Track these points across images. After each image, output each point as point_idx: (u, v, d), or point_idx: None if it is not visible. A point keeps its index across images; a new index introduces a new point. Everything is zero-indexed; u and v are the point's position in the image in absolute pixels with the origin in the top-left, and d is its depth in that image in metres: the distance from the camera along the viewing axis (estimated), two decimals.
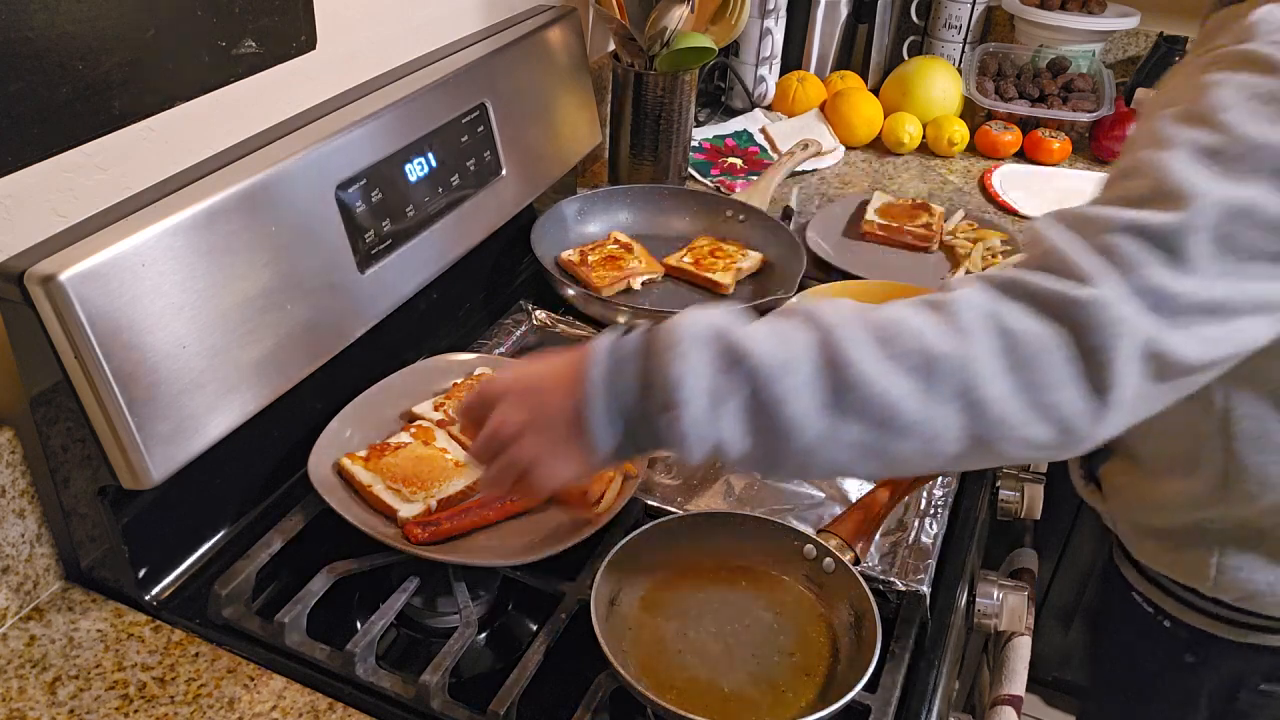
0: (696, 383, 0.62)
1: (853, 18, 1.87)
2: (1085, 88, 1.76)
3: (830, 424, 0.61)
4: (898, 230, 1.41)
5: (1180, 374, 0.63)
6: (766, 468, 0.65)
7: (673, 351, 0.63)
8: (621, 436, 0.65)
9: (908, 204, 1.48)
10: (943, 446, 0.62)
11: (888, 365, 0.61)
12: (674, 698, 0.74)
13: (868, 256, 1.39)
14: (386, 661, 0.83)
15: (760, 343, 0.62)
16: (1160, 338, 0.61)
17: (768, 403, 0.61)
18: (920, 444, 0.62)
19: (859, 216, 1.46)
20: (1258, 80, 0.64)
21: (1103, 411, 0.61)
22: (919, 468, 0.66)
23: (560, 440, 0.67)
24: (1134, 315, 0.60)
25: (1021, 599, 0.97)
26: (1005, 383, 0.61)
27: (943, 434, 0.62)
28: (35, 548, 0.81)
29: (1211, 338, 0.63)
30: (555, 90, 1.28)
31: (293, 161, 0.87)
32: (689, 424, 0.62)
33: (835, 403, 0.61)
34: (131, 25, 0.78)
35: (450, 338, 1.19)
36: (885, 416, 0.61)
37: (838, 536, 0.86)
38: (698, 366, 0.62)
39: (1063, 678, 1.86)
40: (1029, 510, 1.10)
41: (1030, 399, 0.61)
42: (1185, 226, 0.61)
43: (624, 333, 0.66)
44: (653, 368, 0.63)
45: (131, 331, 0.73)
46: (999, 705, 0.97)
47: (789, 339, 0.62)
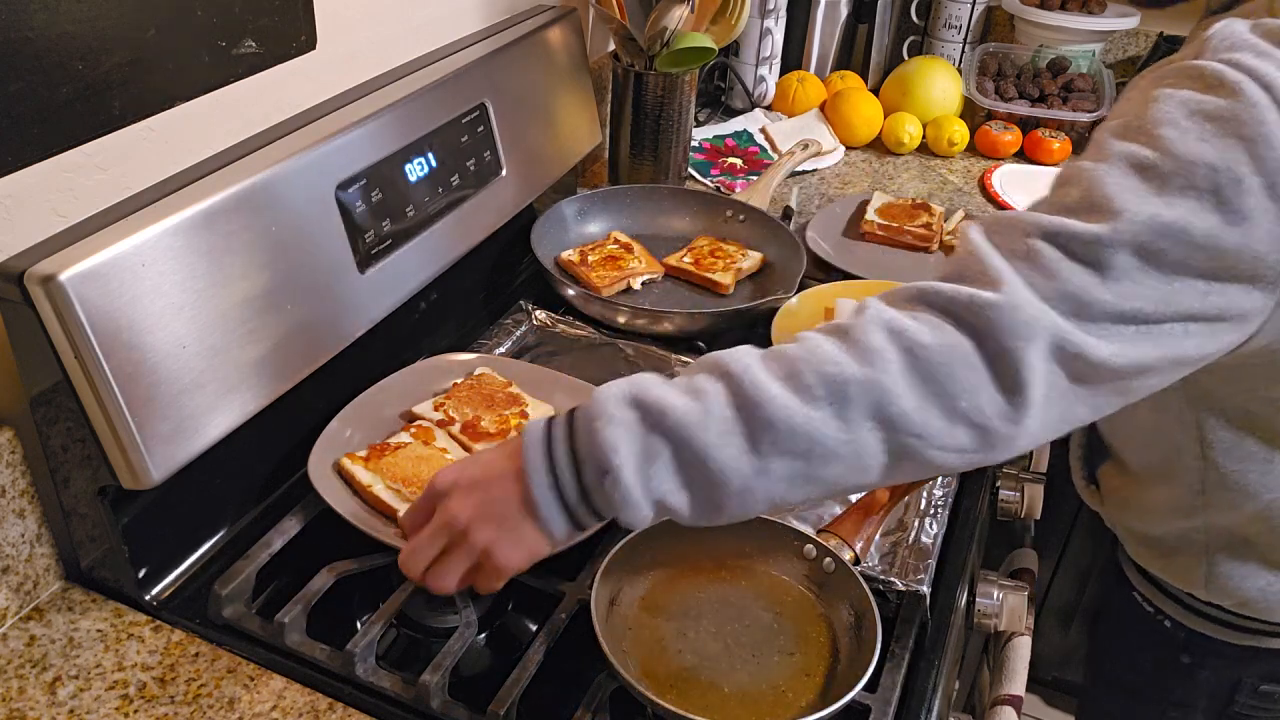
0: (628, 445, 0.64)
1: (853, 18, 1.87)
2: (1085, 88, 1.76)
3: (757, 464, 0.63)
4: (898, 230, 1.41)
5: (1107, 378, 0.63)
6: (712, 515, 0.66)
7: (600, 420, 0.64)
8: (570, 511, 0.67)
9: (908, 204, 1.47)
10: (870, 463, 0.64)
11: (799, 399, 0.62)
12: (674, 698, 0.74)
13: (868, 256, 1.38)
14: (386, 661, 0.82)
15: (675, 399, 0.64)
16: (1073, 339, 0.61)
17: (694, 457, 0.63)
18: (847, 466, 0.64)
19: (859, 216, 1.46)
20: (1200, 97, 0.64)
21: (1018, 414, 0.62)
22: (855, 486, 0.67)
23: (513, 524, 0.69)
24: (1043, 316, 0.61)
25: (1021, 599, 0.97)
26: (916, 396, 0.62)
27: (866, 453, 0.63)
28: (35, 548, 0.81)
29: (1135, 343, 0.63)
30: (555, 90, 1.28)
31: (293, 161, 0.87)
32: (627, 486, 0.64)
33: (756, 444, 0.63)
34: (131, 25, 0.78)
35: (450, 338, 1.19)
36: (806, 447, 0.63)
37: (838, 536, 0.86)
38: (624, 430, 0.64)
39: (1063, 678, 1.86)
40: (1029, 510, 1.10)
41: (943, 407, 0.62)
42: (1107, 239, 0.62)
43: (549, 419, 0.68)
44: (584, 439, 0.65)
45: (131, 331, 0.73)
46: (999, 705, 0.97)
47: (701, 391, 0.64)
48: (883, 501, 0.90)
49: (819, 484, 0.65)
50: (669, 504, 0.65)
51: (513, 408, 0.99)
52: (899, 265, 1.38)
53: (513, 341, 1.18)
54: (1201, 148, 0.62)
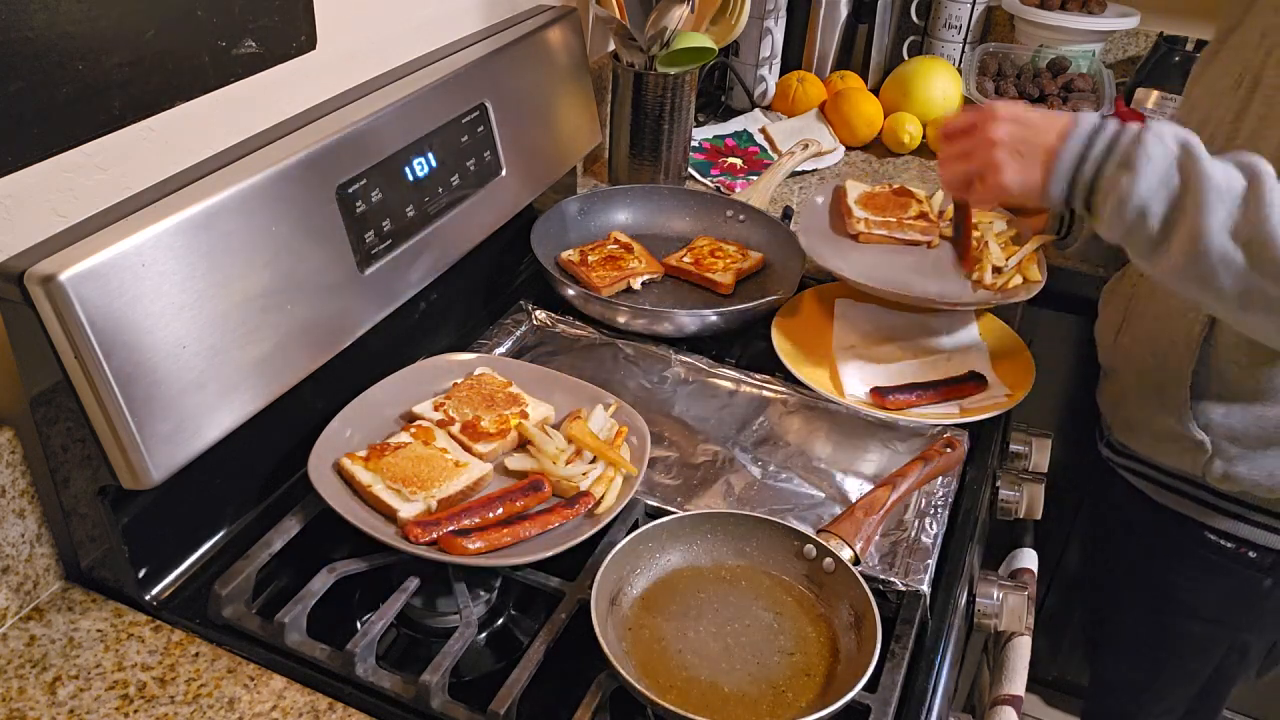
0: (1159, 162, 0.82)
1: (853, 18, 1.87)
2: (1085, 88, 1.76)
3: (1227, 246, 0.80)
4: (895, 226, 1.31)
5: None
6: (1156, 256, 0.85)
7: (1152, 133, 0.83)
8: (1074, 183, 0.87)
9: (887, 191, 1.38)
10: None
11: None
12: (674, 698, 0.74)
13: (870, 260, 1.26)
14: (386, 661, 0.83)
15: (1211, 162, 0.82)
16: None
17: (1193, 207, 0.81)
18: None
19: (840, 209, 1.35)
20: None
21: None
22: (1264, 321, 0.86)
23: (1028, 162, 0.88)
24: None
25: (1021, 599, 0.97)
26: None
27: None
28: (35, 548, 0.81)
29: None
30: (555, 90, 1.28)
31: (293, 161, 0.87)
32: (1132, 189, 0.82)
33: (1237, 234, 0.80)
34: (131, 25, 0.78)
35: (450, 338, 1.19)
36: (1271, 258, 0.80)
37: (838, 536, 0.86)
38: (1163, 150, 0.82)
39: (1063, 678, 1.86)
40: (1029, 510, 1.10)
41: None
42: None
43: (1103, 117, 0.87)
44: (1129, 137, 0.84)
45: (131, 331, 0.73)
46: (999, 705, 0.97)
47: (1232, 174, 0.82)
48: (883, 501, 0.90)
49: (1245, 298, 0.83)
50: (1144, 222, 0.83)
51: (513, 408, 0.99)
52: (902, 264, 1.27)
53: (513, 341, 1.18)
54: None
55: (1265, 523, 1.09)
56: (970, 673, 1.16)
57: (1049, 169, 0.88)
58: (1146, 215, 0.83)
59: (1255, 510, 1.09)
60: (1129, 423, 1.18)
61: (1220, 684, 1.26)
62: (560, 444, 0.95)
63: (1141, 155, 0.83)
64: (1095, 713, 1.47)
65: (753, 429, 1.07)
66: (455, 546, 0.82)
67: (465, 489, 0.90)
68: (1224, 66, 1.05)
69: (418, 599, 0.85)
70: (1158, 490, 1.17)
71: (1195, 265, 0.83)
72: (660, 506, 0.94)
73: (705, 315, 1.16)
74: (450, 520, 0.84)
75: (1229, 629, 1.20)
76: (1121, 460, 1.21)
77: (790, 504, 0.97)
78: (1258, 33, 1.00)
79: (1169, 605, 1.22)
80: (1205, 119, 1.04)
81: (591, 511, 0.89)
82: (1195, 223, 0.81)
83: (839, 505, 0.97)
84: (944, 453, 0.98)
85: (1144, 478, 1.18)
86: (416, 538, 0.83)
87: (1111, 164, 0.85)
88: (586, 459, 0.94)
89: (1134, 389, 1.16)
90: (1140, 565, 1.24)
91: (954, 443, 0.99)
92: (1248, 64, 1.00)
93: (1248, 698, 1.78)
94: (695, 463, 1.02)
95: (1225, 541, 1.12)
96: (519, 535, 0.85)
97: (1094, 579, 1.42)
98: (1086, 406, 1.30)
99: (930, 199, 1.37)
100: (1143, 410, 1.15)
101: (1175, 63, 1.73)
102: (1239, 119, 0.99)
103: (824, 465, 1.02)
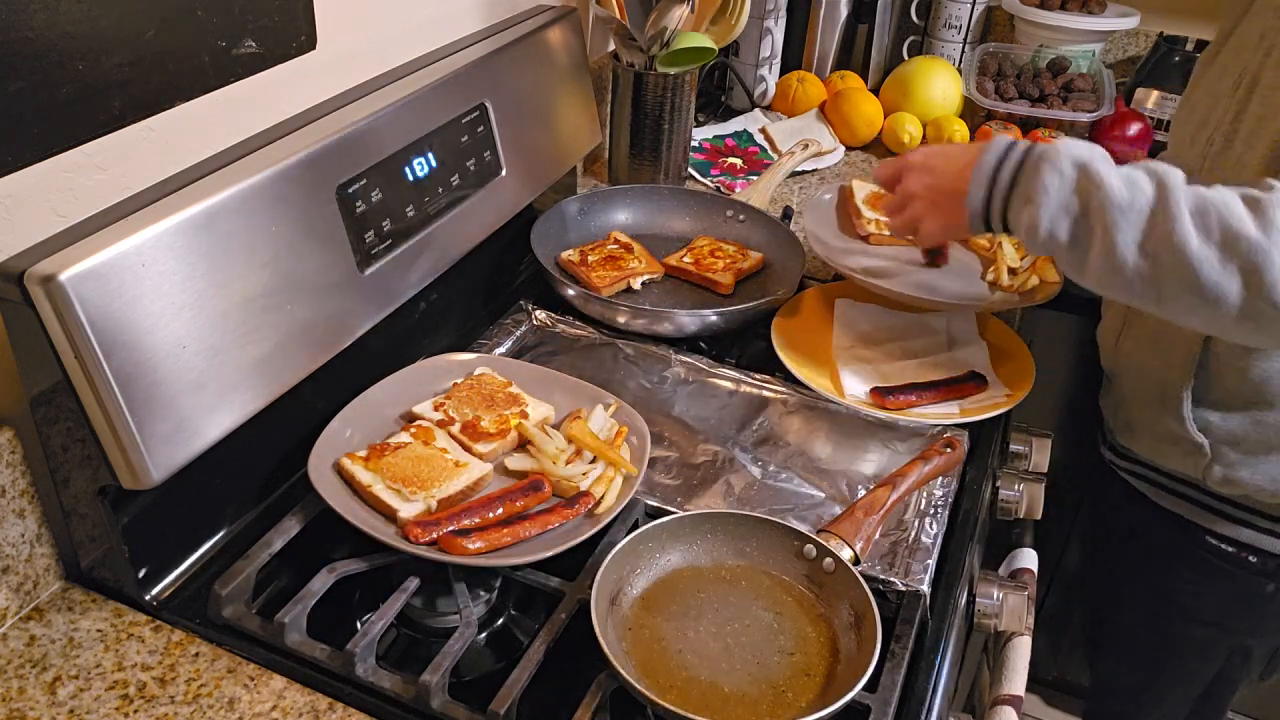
0: (1056, 193, 0.84)
1: (853, 18, 1.87)
2: (1085, 88, 1.76)
3: (1138, 259, 0.82)
4: None
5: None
6: (1075, 272, 0.87)
7: (1047, 165, 0.85)
8: (987, 214, 0.91)
9: None
10: (1221, 311, 0.80)
11: (1199, 234, 0.79)
12: (674, 698, 0.74)
13: (881, 261, 1.25)
14: (386, 661, 0.83)
15: (1114, 180, 0.82)
16: None
17: (1097, 227, 0.82)
18: (1199, 302, 0.81)
19: (848, 208, 1.35)
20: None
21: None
22: (1192, 322, 0.85)
23: (945, 209, 0.94)
24: None
25: (1021, 599, 0.97)
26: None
27: (1224, 300, 0.80)
28: (35, 548, 0.81)
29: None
30: (555, 90, 1.28)
31: (293, 161, 0.87)
32: (1035, 220, 0.85)
33: (1144, 245, 0.81)
34: (131, 25, 0.78)
35: (450, 338, 1.19)
36: (1180, 269, 0.80)
37: (838, 536, 0.86)
38: (1059, 180, 0.84)
39: (1063, 678, 1.86)
40: (1029, 510, 1.10)
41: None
42: None
43: (1012, 142, 0.91)
44: (1029, 170, 0.87)
45: (131, 331, 0.73)
46: (999, 705, 0.97)
47: (1136, 185, 0.82)
48: (883, 501, 0.90)
49: (1168, 303, 0.83)
50: (1055, 246, 0.86)
51: (512, 408, 0.99)
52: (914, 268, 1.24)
53: (513, 341, 1.17)
54: None
55: (1266, 527, 1.09)
56: (970, 673, 1.16)
57: (962, 210, 0.93)
58: (1055, 240, 0.86)
59: (1256, 515, 1.09)
60: (1130, 425, 1.18)
61: (1222, 688, 1.26)
62: (560, 444, 0.95)
63: (1038, 188, 0.85)
64: (1096, 714, 1.48)
65: (753, 429, 1.07)
66: (455, 546, 0.82)
67: (465, 489, 0.90)
68: (1223, 68, 1.05)
69: (418, 599, 0.85)
70: (1159, 493, 1.17)
71: (1114, 279, 0.84)
72: (660, 506, 0.94)
73: (705, 315, 1.16)
74: (450, 520, 0.84)
75: (1230, 633, 1.20)
76: (1123, 463, 1.21)
77: (790, 504, 0.97)
78: (1256, 34, 1.00)
79: (1170, 608, 1.22)
80: (1204, 120, 1.04)
81: (591, 511, 0.89)
82: (1104, 242, 0.83)
83: (839, 505, 0.97)
84: (944, 453, 0.98)
85: (1145, 480, 1.18)
86: (416, 538, 0.83)
87: (1016, 198, 0.88)
88: (586, 459, 0.94)
89: (1135, 392, 1.16)
90: (1141, 568, 1.24)
91: (954, 443, 0.99)
92: (1246, 65, 1.00)
93: (1251, 699, 1.78)
94: (695, 463, 1.02)
95: (1226, 546, 1.12)
96: (519, 535, 0.85)
97: (1094, 580, 1.42)
98: (1087, 407, 1.30)
99: None
100: (1143, 413, 1.15)
101: (1175, 63, 1.73)
102: (1237, 119, 0.99)
103: (824, 465, 1.02)
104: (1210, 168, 1.02)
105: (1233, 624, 1.19)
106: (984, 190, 0.90)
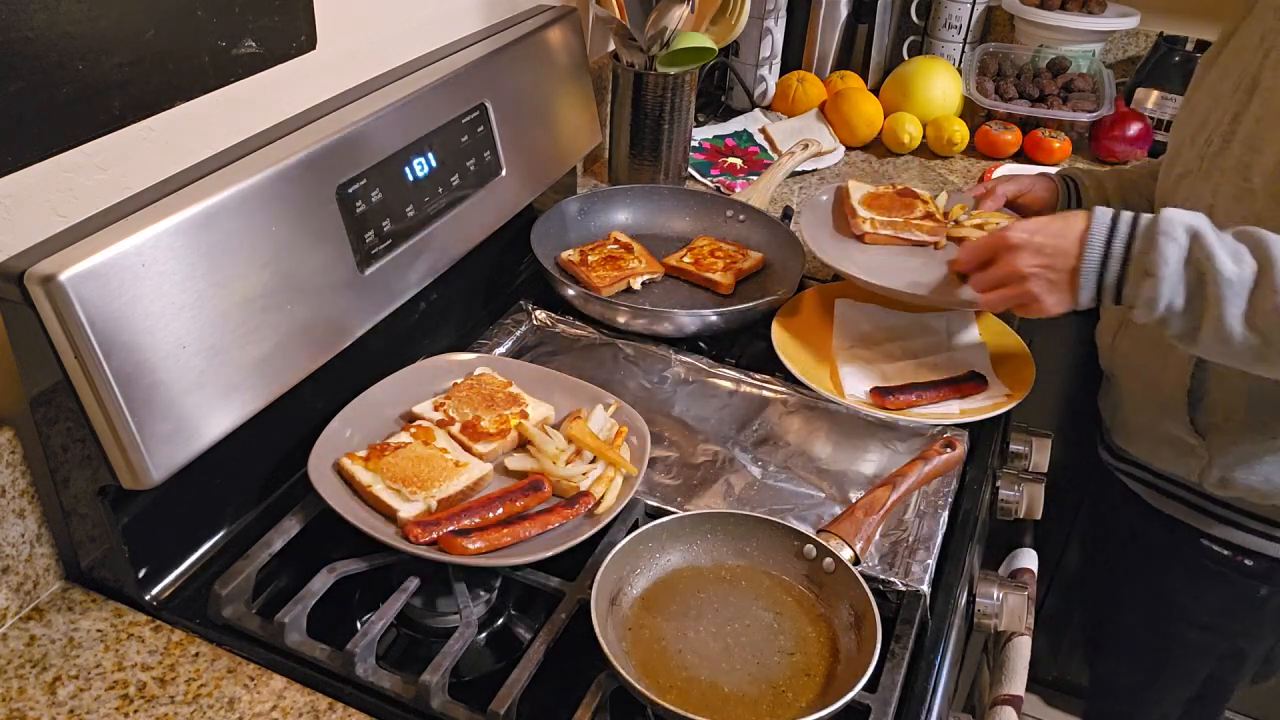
0: (1175, 263, 0.86)
1: (853, 18, 1.87)
2: (1085, 88, 1.76)
3: (1244, 332, 0.86)
4: (902, 226, 1.28)
5: None
6: (1187, 343, 0.89)
7: (1164, 234, 0.87)
8: (1100, 289, 0.91)
9: (891, 191, 1.33)
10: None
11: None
12: (674, 698, 0.74)
13: (875, 261, 1.23)
14: (386, 661, 0.83)
15: (1222, 252, 0.85)
16: None
17: (1214, 299, 0.85)
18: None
19: (843, 209, 1.33)
20: None
21: None
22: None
23: (1059, 286, 0.93)
24: None
25: (1021, 599, 0.97)
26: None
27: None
28: (35, 548, 0.81)
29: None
30: (555, 90, 1.28)
31: (293, 161, 0.87)
32: (1157, 293, 0.87)
33: (1252, 318, 0.85)
34: (131, 25, 0.78)
35: (450, 338, 1.19)
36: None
37: (838, 536, 0.86)
38: (1177, 249, 0.86)
39: (1063, 678, 1.86)
40: (1029, 510, 1.10)
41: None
42: None
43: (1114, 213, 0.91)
44: (1143, 241, 0.88)
45: (131, 331, 0.73)
46: (999, 705, 0.97)
47: (1242, 258, 0.85)
48: (883, 501, 0.90)
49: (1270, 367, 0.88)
50: (1172, 318, 0.88)
51: (512, 408, 0.99)
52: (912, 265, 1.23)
53: (513, 341, 1.18)
54: None
55: (1261, 530, 1.09)
56: (970, 673, 1.16)
57: (1076, 287, 0.93)
58: (1173, 311, 0.88)
59: (1251, 517, 1.09)
60: (1127, 426, 1.18)
61: (1217, 690, 1.26)
62: (560, 444, 0.95)
63: (1157, 260, 0.86)
64: (1096, 713, 1.48)
65: (753, 429, 1.07)
66: (455, 546, 0.82)
67: (465, 489, 0.90)
68: (1224, 69, 1.05)
69: (418, 599, 0.85)
70: (1155, 495, 1.17)
71: (1224, 349, 0.88)
72: (660, 506, 0.94)
73: (705, 315, 1.16)
74: (450, 520, 0.84)
75: (1225, 635, 1.20)
76: (1120, 464, 1.21)
77: (790, 504, 0.97)
78: (1257, 36, 1.00)
79: (1167, 610, 1.22)
80: (1204, 121, 1.05)
81: (591, 511, 0.89)
82: (1216, 315, 0.86)
83: (839, 505, 0.97)
84: (944, 453, 0.98)
85: (1142, 482, 1.18)
86: (416, 538, 0.83)
87: (1132, 271, 0.89)
88: (586, 459, 0.94)
89: (1132, 393, 1.16)
90: (1140, 570, 1.24)
91: (954, 443, 0.99)
92: (1246, 66, 1.00)
93: (1249, 699, 1.78)
94: (695, 463, 1.02)
95: (1221, 548, 1.12)
96: (519, 535, 0.85)
97: (1094, 581, 1.42)
98: (1087, 408, 1.30)
99: (934, 199, 1.34)
100: (1141, 414, 1.15)
101: (1175, 63, 1.73)
102: (1236, 121, 0.99)
103: (824, 465, 1.02)
104: (1208, 168, 1.02)
105: (1227, 627, 1.19)
106: (1098, 265, 0.90)
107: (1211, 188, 1.00)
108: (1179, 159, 1.08)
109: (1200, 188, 1.02)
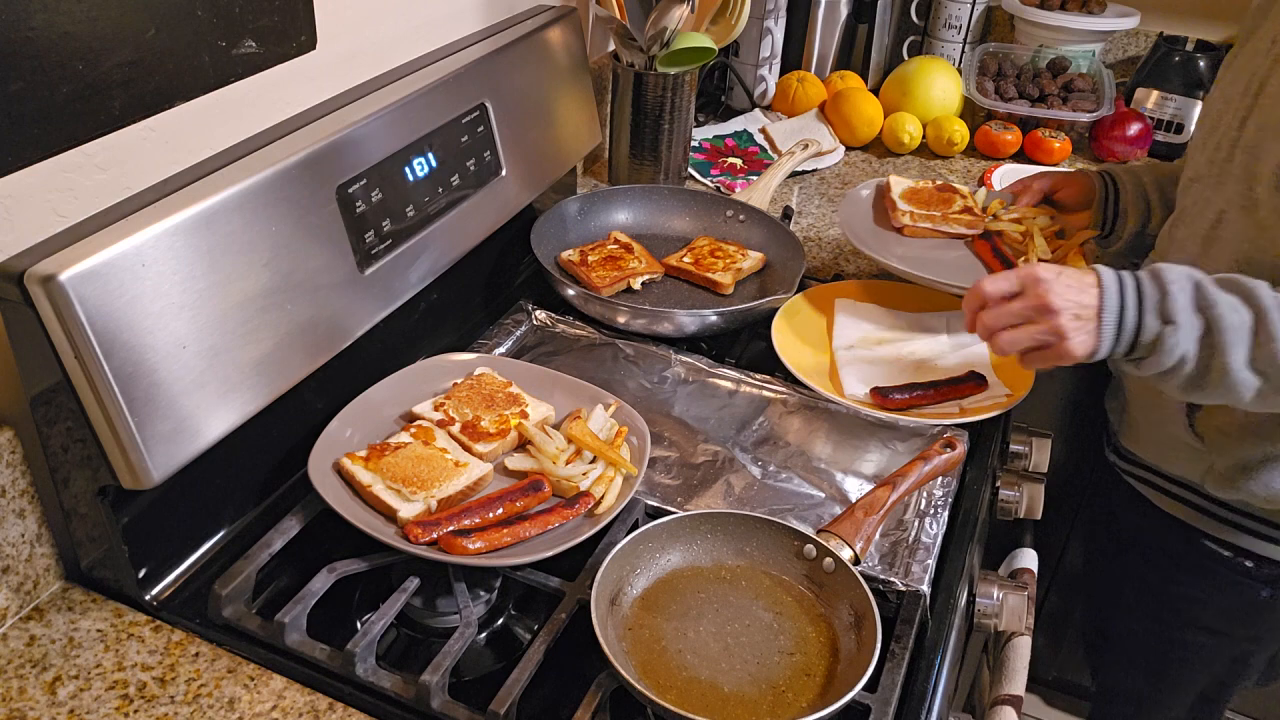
0: (1188, 311, 0.87)
1: (853, 18, 1.87)
2: (1085, 88, 1.76)
3: (1249, 374, 0.87)
4: (940, 220, 1.31)
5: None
6: (1194, 393, 0.91)
7: (1170, 280, 0.88)
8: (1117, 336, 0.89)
9: (931, 187, 1.37)
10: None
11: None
12: (674, 698, 0.74)
13: (915, 253, 1.28)
14: (386, 661, 0.83)
15: (1223, 300, 0.87)
16: None
17: (1221, 345, 0.87)
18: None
19: (884, 204, 1.37)
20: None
21: None
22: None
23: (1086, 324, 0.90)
24: None
25: (1021, 599, 0.97)
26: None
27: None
28: (35, 548, 0.81)
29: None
30: (555, 90, 1.28)
31: (293, 161, 0.87)
32: (1180, 337, 0.87)
33: (1255, 362, 0.87)
34: (131, 25, 0.78)
35: (450, 338, 1.19)
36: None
37: (838, 536, 0.86)
38: (1188, 297, 0.87)
39: (1063, 678, 1.86)
40: (1029, 510, 1.10)
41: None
42: None
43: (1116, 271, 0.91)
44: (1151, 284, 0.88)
45: (131, 331, 0.73)
46: (999, 705, 0.97)
47: (1237, 308, 0.87)
48: (883, 501, 0.90)
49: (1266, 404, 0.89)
50: (1183, 367, 0.88)
51: (512, 408, 0.99)
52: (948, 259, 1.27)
53: (513, 341, 1.18)
54: None
55: (1264, 533, 1.09)
56: (970, 673, 1.16)
57: (1101, 326, 0.90)
58: (1186, 361, 0.88)
59: (1254, 520, 1.09)
60: (1134, 428, 1.18)
61: (1220, 693, 1.26)
62: (560, 444, 0.95)
63: (1173, 306, 0.87)
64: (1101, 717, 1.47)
65: (753, 429, 1.07)
66: (455, 546, 0.82)
67: (465, 489, 0.90)
68: (1236, 73, 1.04)
69: (418, 599, 0.85)
70: (1160, 497, 1.17)
71: (1230, 395, 0.89)
72: (660, 506, 0.94)
73: (705, 315, 1.16)
74: (450, 520, 0.84)
75: (1229, 639, 1.20)
76: (1127, 466, 1.21)
77: (790, 504, 0.97)
78: (1268, 39, 0.99)
79: (1170, 614, 1.22)
80: (1215, 125, 1.04)
81: (591, 511, 0.89)
82: (1222, 362, 0.87)
83: (839, 505, 0.97)
84: (944, 453, 0.98)
85: (1148, 484, 1.18)
86: (416, 538, 0.83)
87: (1149, 315, 0.88)
88: (586, 459, 0.94)
89: (1138, 394, 1.16)
90: (1144, 573, 1.24)
91: (954, 443, 0.99)
92: (1256, 69, 0.99)
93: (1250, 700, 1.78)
94: (695, 463, 1.02)
95: (1224, 551, 1.12)
96: (519, 535, 0.85)
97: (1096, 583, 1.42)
98: (1090, 409, 1.30)
99: (974, 194, 1.36)
100: (1146, 416, 1.15)
101: (1175, 63, 1.73)
102: (1243, 126, 0.99)
103: (824, 465, 1.02)
104: (1219, 174, 1.01)
105: (1231, 630, 1.19)
106: (1117, 308, 0.89)
107: (1225, 196, 1.00)
108: (1191, 162, 1.07)
109: (1210, 194, 1.02)
